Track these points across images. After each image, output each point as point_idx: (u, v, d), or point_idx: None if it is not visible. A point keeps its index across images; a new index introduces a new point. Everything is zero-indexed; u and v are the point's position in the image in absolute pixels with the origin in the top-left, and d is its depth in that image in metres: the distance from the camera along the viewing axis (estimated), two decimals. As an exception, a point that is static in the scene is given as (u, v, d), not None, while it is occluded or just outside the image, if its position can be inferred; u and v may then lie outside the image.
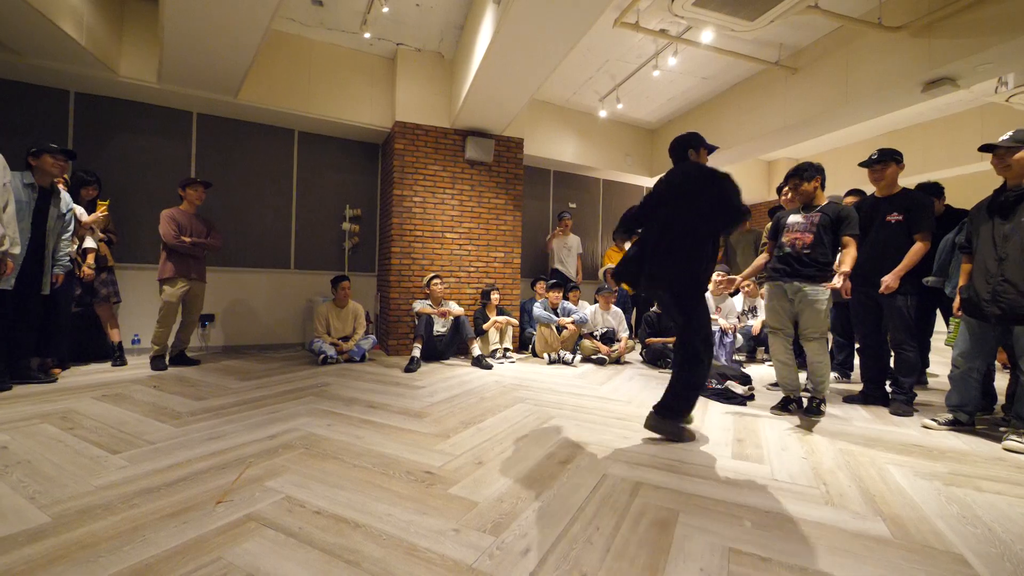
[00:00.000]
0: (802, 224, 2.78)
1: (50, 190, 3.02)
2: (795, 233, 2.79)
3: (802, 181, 2.81)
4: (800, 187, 2.82)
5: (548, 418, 2.64)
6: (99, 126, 4.26)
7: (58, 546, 1.27)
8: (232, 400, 2.83)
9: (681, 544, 1.37)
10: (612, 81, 5.32)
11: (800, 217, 2.81)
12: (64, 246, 3.09)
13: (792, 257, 2.75)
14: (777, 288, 2.84)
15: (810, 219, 2.75)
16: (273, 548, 1.29)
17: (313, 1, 4.06)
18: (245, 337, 4.86)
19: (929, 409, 2.99)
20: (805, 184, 2.80)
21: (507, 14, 3.09)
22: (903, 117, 5.75)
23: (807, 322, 2.71)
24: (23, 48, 3.50)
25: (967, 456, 2.20)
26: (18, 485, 1.61)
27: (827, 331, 2.75)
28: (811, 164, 2.82)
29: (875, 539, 1.43)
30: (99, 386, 3.07)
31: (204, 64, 3.77)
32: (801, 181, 2.81)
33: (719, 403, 3.11)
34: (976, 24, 3.22)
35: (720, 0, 3.21)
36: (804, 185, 2.81)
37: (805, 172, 2.80)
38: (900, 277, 2.82)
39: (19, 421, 2.29)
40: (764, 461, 2.07)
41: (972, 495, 1.76)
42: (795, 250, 2.75)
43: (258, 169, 4.94)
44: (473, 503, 1.60)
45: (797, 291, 2.72)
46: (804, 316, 2.72)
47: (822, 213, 2.74)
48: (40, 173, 2.95)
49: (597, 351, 4.60)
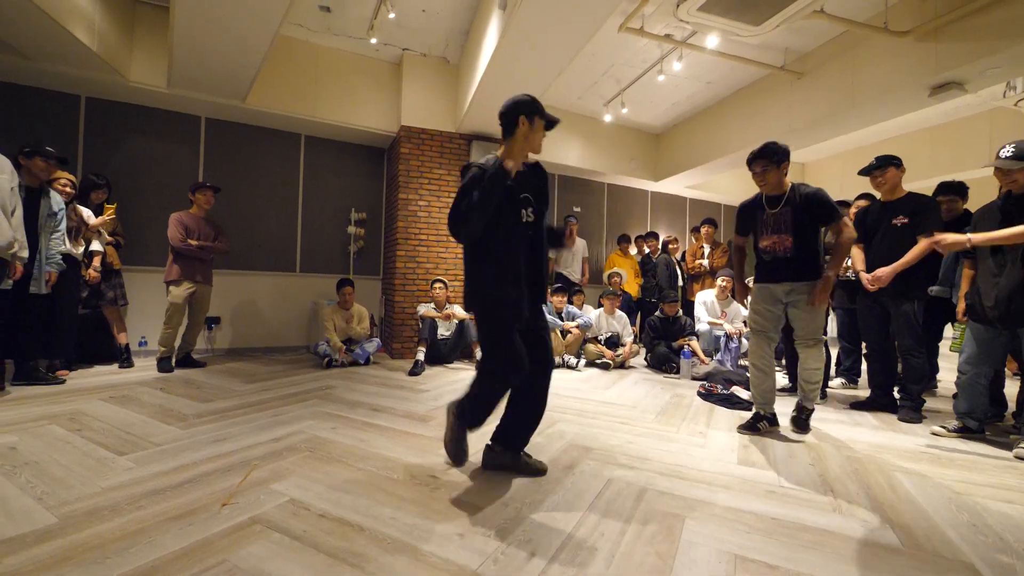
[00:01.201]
0: (773, 224, 2.48)
1: (39, 190, 3.02)
2: (772, 236, 2.50)
3: (771, 165, 2.43)
4: (767, 172, 2.44)
5: (552, 422, 2.64)
6: (109, 130, 4.31)
7: (65, 547, 1.27)
8: (237, 402, 2.84)
9: (687, 551, 1.36)
10: (617, 86, 5.33)
11: (771, 215, 2.49)
12: (55, 245, 3.09)
13: (781, 261, 2.49)
14: (764, 289, 2.57)
15: (783, 215, 2.45)
16: (278, 551, 1.29)
17: (321, 7, 4.10)
18: (250, 340, 4.89)
19: (938, 416, 2.95)
20: (774, 169, 2.43)
21: (512, 19, 3.11)
22: (910, 121, 5.72)
23: (803, 325, 2.48)
24: (36, 53, 3.55)
25: (977, 464, 2.17)
26: (26, 486, 1.62)
27: (823, 335, 2.61)
28: (780, 146, 2.43)
29: (885, 548, 1.41)
30: (106, 388, 3.09)
31: (213, 69, 3.82)
32: (770, 165, 2.43)
33: (724, 408, 3.09)
34: (984, 28, 3.21)
35: (725, 5, 3.21)
36: (772, 171, 2.43)
37: (775, 156, 2.41)
38: (896, 274, 2.74)
39: (28, 422, 2.31)
40: (770, 467, 2.05)
41: (983, 504, 1.74)
42: (775, 255, 2.50)
43: (265, 173, 4.98)
44: (478, 507, 1.59)
45: (790, 291, 2.48)
46: (799, 318, 2.48)
47: (791, 207, 2.43)
48: (29, 174, 2.95)
49: (601, 355, 4.58)
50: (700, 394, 3.40)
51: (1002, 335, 2.37)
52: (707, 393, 3.34)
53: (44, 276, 3.00)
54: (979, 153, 5.43)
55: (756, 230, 2.61)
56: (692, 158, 6.16)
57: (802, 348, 2.55)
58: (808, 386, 2.60)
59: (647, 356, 4.75)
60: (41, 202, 3.01)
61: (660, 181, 6.84)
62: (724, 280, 4.67)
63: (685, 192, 7.72)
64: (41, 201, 3.01)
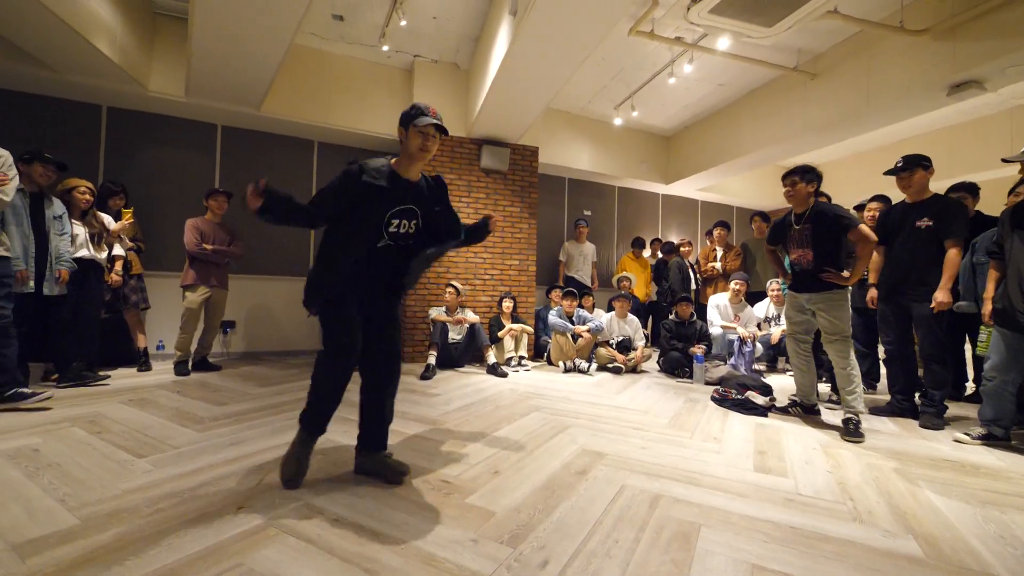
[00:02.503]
0: (798, 239, 2.77)
1: (40, 194, 3.07)
2: (798, 250, 2.79)
3: (800, 182, 2.70)
4: (796, 187, 2.71)
5: (564, 427, 2.62)
6: (129, 139, 4.43)
7: (87, 548, 1.30)
8: (252, 406, 2.87)
9: (703, 559, 1.34)
10: (627, 89, 5.32)
11: (796, 230, 2.77)
12: (63, 246, 3.15)
13: (805, 274, 2.78)
14: (792, 298, 2.92)
15: (804, 232, 2.73)
16: (293, 555, 1.30)
17: (334, 16, 4.17)
18: (265, 343, 4.95)
19: (961, 423, 2.88)
20: (803, 185, 2.70)
21: (522, 25, 3.13)
22: (928, 121, 5.61)
23: (825, 324, 2.71)
24: (59, 65, 3.66)
25: (1003, 472, 2.10)
26: (49, 487, 1.66)
27: (848, 333, 2.66)
28: (812, 168, 2.73)
29: (907, 558, 1.38)
30: (125, 391, 3.15)
31: (229, 79, 3.90)
32: (799, 181, 2.70)
33: (739, 414, 3.05)
34: (1003, 26, 3.14)
35: (737, 7, 3.19)
36: (800, 186, 2.70)
37: (807, 174, 2.70)
38: (948, 290, 2.68)
39: (50, 424, 2.37)
40: (788, 475, 2.01)
41: (1010, 514, 1.68)
42: (802, 267, 2.79)
43: (280, 179, 5.05)
44: (490, 513, 1.59)
45: (810, 299, 2.77)
46: (822, 319, 2.72)
47: (811, 224, 2.69)
48: (28, 180, 2.99)
49: (613, 360, 4.55)
50: (714, 399, 3.35)
51: None
52: (721, 398, 3.30)
53: (55, 274, 3.05)
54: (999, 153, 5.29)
55: (785, 244, 2.91)
56: (704, 160, 6.12)
57: (828, 345, 2.71)
58: (844, 393, 2.63)
59: (659, 360, 4.71)
60: (44, 204, 3.08)
61: (671, 184, 6.80)
62: (737, 284, 4.62)
63: (697, 195, 7.67)
64: (44, 203, 3.08)
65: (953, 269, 2.68)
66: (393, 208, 1.79)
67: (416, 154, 1.80)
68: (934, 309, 2.71)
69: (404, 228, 1.84)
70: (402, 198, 1.81)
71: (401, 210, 1.81)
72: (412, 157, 1.81)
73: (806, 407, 2.97)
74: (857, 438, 2.49)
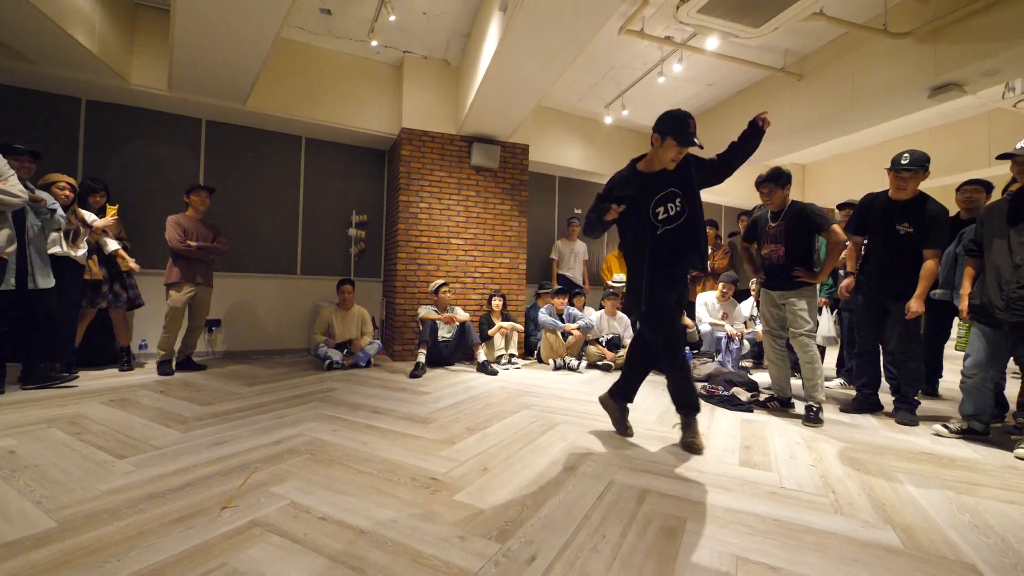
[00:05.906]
0: (772, 234, 2.94)
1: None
2: (770, 245, 2.95)
3: (777, 187, 2.91)
4: (774, 193, 2.93)
5: (553, 424, 2.63)
6: (110, 133, 4.32)
7: (64, 551, 1.27)
8: (238, 405, 2.84)
9: (688, 552, 1.35)
10: (617, 88, 5.34)
11: (771, 227, 2.95)
12: (52, 242, 3.06)
13: (774, 267, 2.94)
14: (765, 294, 3.09)
15: (779, 228, 2.90)
16: (278, 554, 1.29)
17: (321, 10, 4.11)
18: (251, 342, 4.89)
19: (934, 418, 2.94)
20: (779, 191, 2.91)
21: (513, 22, 3.12)
22: (910, 122, 5.73)
23: (791, 318, 2.88)
24: (37, 56, 3.56)
25: (978, 465, 2.16)
26: (25, 490, 1.62)
27: (812, 328, 2.83)
28: (784, 171, 2.92)
29: (886, 549, 1.41)
30: (106, 391, 3.09)
31: (214, 72, 3.82)
32: (776, 188, 2.91)
33: (725, 409, 3.09)
34: (983, 30, 3.21)
35: (725, 7, 3.22)
36: (777, 192, 2.92)
37: (779, 179, 2.91)
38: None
39: (27, 425, 2.31)
40: (772, 469, 2.04)
41: (984, 504, 1.73)
42: (771, 262, 2.95)
43: (266, 175, 4.98)
44: (479, 510, 1.59)
45: (780, 295, 2.95)
46: (789, 314, 2.89)
47: (785, 221, 2.88)
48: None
49: (603, 357, 4.58)
50: (701, 395, 3.38)
51: (1007, 337, 2.35)
52: (708, 395, 3.34)
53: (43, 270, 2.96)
54: (978, 154, 5.43)
55: (759, 240, 3.07)
56: (692, 160, 6.16)
57: (793, 339, 2.90)
58: (807, 382, 2.86)
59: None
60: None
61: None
62: (724, 287, 4.67)
63: (685, 194, 7.71)
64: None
65: (929, 279, 2.69)
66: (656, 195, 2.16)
67: (667, 164, 2.16)
68: (907, 317, 2.74)
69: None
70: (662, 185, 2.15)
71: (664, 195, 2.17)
72: (660, 162, 2.20)
73: (782, 400, 3.12)
74: (816, 424, 2.72)
